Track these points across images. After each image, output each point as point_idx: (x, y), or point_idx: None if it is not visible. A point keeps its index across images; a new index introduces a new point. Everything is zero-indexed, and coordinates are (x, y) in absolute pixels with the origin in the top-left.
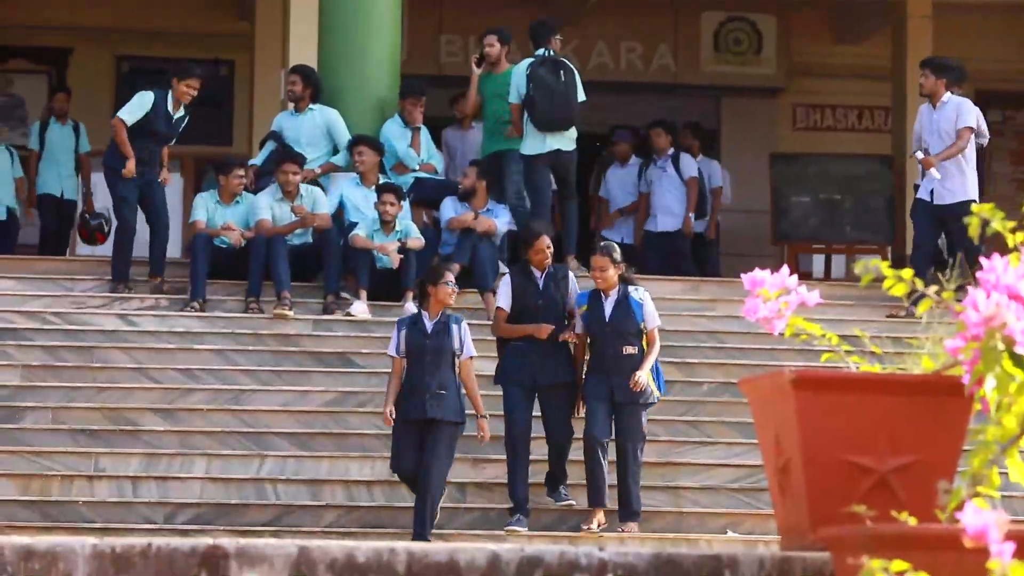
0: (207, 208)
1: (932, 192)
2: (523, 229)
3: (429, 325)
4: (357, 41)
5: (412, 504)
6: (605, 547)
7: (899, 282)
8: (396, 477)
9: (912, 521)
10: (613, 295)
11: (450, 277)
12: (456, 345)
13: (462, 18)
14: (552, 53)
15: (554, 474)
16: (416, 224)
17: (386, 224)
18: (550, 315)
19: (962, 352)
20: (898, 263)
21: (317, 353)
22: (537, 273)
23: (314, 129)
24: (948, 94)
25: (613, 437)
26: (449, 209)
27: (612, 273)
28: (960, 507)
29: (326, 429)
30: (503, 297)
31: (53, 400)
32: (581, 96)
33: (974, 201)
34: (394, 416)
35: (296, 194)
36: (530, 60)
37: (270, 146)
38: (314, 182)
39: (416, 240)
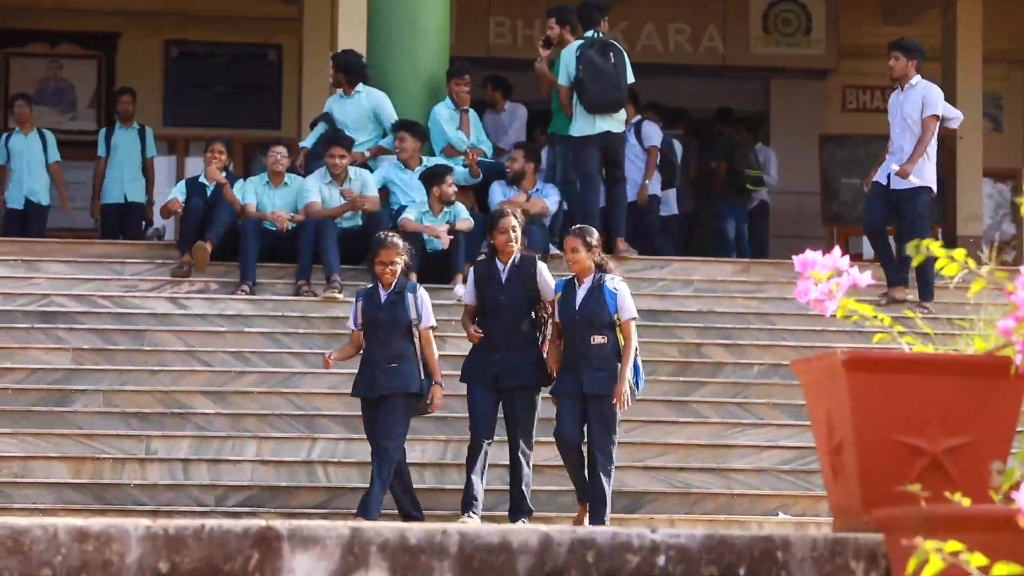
0: (256, 191)
1: (889, 176)
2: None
3: (383, 296)
4: (406, 24)
5: (462, 486)
6: (657, 529)
7: (951, 262)
8: (447, 459)
9: (966, 502)
10: (587, 283)
11: (394, 242)
12: (413, 315)
13: (511, 0)
14: (601, 35)
15: (513, 501)
16: (464, 206)
17: (435, 206)
18: (513, 311)
19: (1014, 332)
20: (949, 244)
21: None
22: (501, 265)
23: (361, 112)
24: (917, 77)
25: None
26: (498, 193)
27: (584, 256)
28: (1014, 487)
29: None
30: (467, 291)
31: (105, 383)
32: (630, 78)
33: (929, 188)
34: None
35: (344, 177)
36: (579, 42)
37: (320, 128)
38: (363, 165)
39: (465, 222)
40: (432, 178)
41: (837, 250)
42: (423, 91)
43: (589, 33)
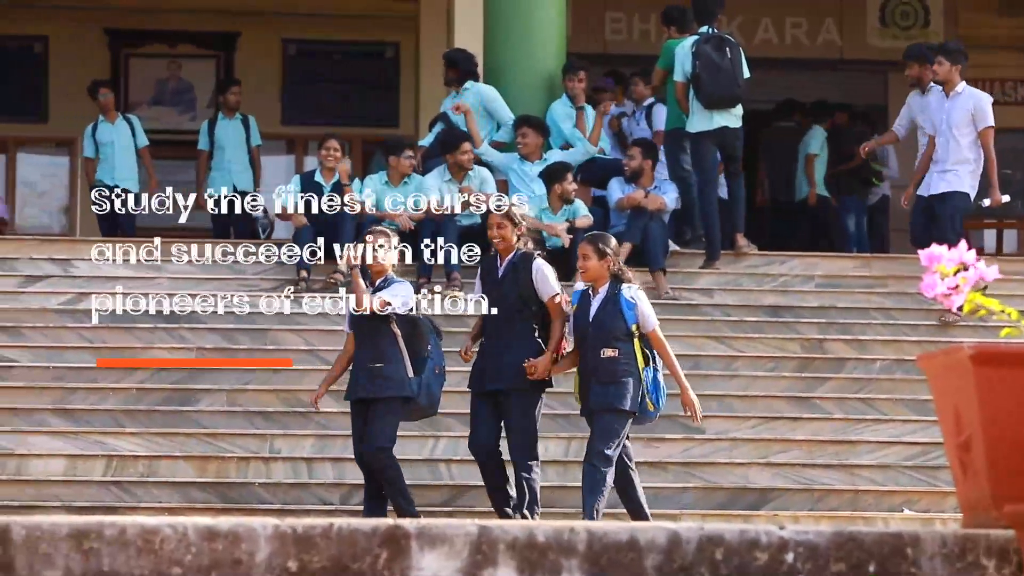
0: (375, 189)
1: (929, 184)
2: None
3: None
4: (522, 20)
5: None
6: (785, 526)
7: None
8: (569, 456)
9: None
10: (602, 292)
11: (371, 240)
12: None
13: None
14: (715, 31)
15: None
16: (583, 203)
17: (555, 204)
18: (505, 308)
19: None
20: None
21: None
22: (500, 260)
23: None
24: (963, 84)
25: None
26: (616, 190)
27: (594, 263)
28: None
29: None
30: (476, 285)
31: (228, 383)
32: (746, 73)
33: (965, 194)
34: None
35: (464, 175)
36: (695, 38)
37: (438, 127)
38: (480, 162)
39: (585, 219)
40: (552, 176)
41: (963, 244)
42: (540, 88)
43: (704, 29)
